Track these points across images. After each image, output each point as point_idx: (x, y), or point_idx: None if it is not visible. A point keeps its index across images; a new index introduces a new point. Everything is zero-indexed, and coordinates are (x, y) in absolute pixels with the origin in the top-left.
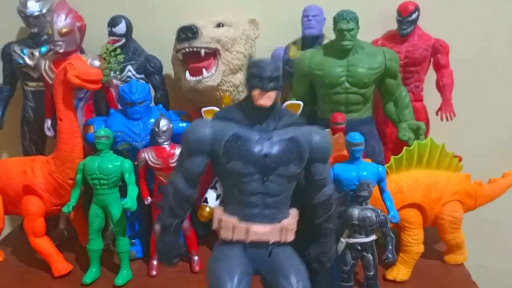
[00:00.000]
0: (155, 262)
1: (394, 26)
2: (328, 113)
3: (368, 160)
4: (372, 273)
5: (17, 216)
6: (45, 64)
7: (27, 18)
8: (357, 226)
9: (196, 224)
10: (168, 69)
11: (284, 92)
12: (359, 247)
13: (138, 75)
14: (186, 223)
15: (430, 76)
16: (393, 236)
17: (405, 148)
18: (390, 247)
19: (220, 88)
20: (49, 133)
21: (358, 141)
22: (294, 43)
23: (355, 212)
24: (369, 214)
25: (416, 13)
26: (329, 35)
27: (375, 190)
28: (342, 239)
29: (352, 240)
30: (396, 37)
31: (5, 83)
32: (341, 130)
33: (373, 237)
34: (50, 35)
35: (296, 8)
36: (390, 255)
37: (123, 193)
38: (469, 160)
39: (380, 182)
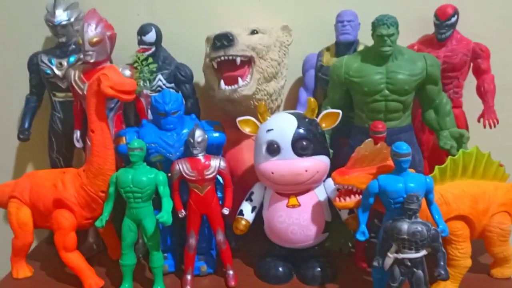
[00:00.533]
0: (189, 277)
1: (429, 30)
2: (366, 121)
3: (412, 170)
4: None
5: (43, 229)
6: (74, 74)
7: (55, 27)
8: (406, 241)
9: (229, 237)
10: (197, 77)
11: (318, 99)
12: (409, 263)
13: (168, 84)
14: (221, 236)
15: (470, 82)
16: (444, 251)
17: (449, 157)
18: (442, 262)
19: (254, 97)
20: (78, 145)
21: (405, 152)
22: (327, 49)
23: (404, 226)
24: (419, 228)
25: (455, 16)
26: (363, 40)
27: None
28: (389, 254)
29: (401, 256)
30: (433, 42)
31: (32, 93)
32: (382, 139)
33: (423, 252)
34: (80, 45)
35: (327, 13)
36: (442, 271)
37: (155, 206)
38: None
39: (428, 194)
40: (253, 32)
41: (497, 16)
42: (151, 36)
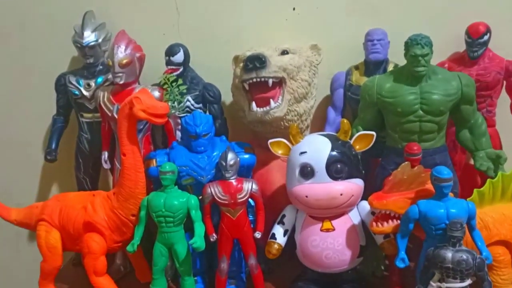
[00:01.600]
0: None
1: (459, 47)
2: (399, 141)
3: (451, 195)
4: None
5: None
6: (103, 96)
7: (83, 48)
8: (450, 270)
9: (260, 260)
10: (224, 97)
11: (346, 118)
12: None
13: (196, 105)
14: (253, 261)
15: (505, 100)
16: (490, 280)
17: (488, 180)
18: None
19: (285, 118)
20: (106, 166)
21: (447, 177)
22: (356, 67)
23: (448, 254)
24: (465, 257)
25: (488, 34)
26: (392, 59)
27: None
28: (432, 283)
29: (445, 285)
30: (464, 60)
31: (59, 114)
32: (417, 162)
33: (469, 282)
34: (109, 66)
35: (355, 30)
36: None
37: (185, 229)
38: None
39: (470, 220)
40: (284, 52)
41: None
42: (179, 57)
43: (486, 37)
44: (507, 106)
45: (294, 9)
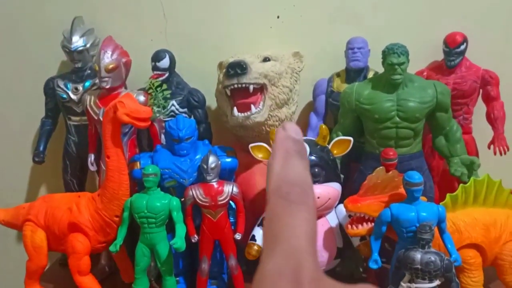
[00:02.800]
0: None
1: (438, 56)
2: (376, 147)
3: (424, 198)
4: None
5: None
6: (90, 100)
7: (72, 53)
8: (419, 271)
9: (240, 261)
10: (209, 102)
11: (328, 124)
12: None
13: (181, 109)
14: (233, 261)
15: (480, 108)
16: (458, 282)
17: (461, 185)
18: None
19: (266, 123)
20: (92, 168)
21: (417, 181)
22: (338, 75)
23: (417, 256)
24: (433, 258)
25: (464, 44)
26: (373, 67)
27: None
28: (402, 284)
29: (414, 286)
30: (442, 68)
31: (48, 117)
32: (393, 166)
33: (437, 283)
34: (96, 71)
35: (337, 39)
36: None
37: (167, 230)
38: None
39: (440, 223)
40: (266, 59)
41: (506, 43)
42: (165, 62)
43: (463, 47)
44: (483, 114)
45: (278, 17)
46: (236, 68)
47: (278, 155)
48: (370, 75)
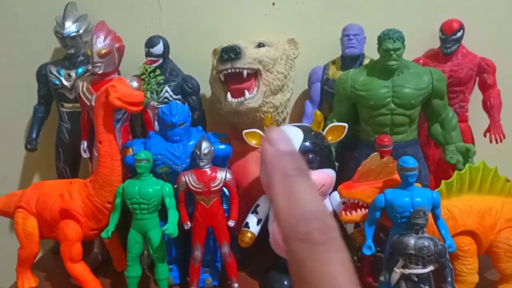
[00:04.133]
0: None
1: (434, 44)
2: (371, 134)
3: (418, 185)
4: None
5: (48, 239)
6: (82, 86)
7: (64, 39)
8: (413, 256)
9: (234, 249)
10: (203, 89)
11: (323, 112)
12: (416, 278)
13: (175, 96)
14: (226, 249)
15: (477, 96)
16: (452, 267)
17: (456, 172)
18: (450, 279)
19: (261, 110)
20: (85, 155)
21: (412, 166)
22: (333, 62)
23: (411, 241)
24: (426, 244)
25: (461, 31)
26: (369, 54)
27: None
28: (396, 269)
29: (408, 271)
30: (439, 56)
31: (40, 104)
32: (388, 153)
33: (430, 268)
34: (89, 56)
35: (333, 27)
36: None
37: (160, 217)
38: None
39: (434, 209)
40: (260, 45)
41: (503, 30)
42: (158, 48)
43: (459, 34)
44: (480, 102)
45: (273, 4)
46: (230, 53)
47: (277, 182)
48: (366, 62)
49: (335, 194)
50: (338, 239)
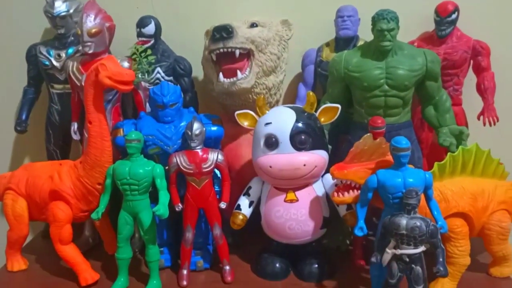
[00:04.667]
0: (185, 272)
1: (429, 27)
2: (365, 116)
3: (411, 166)
4: (421, 287)
5: (39, 222)
6: (72, 66)
7: (54, 18)
8: (405, 236)
9: (226, 232)
10: (196, 71)
11: (317, 94)
12: (407, 259)
13: (167, 77)
14: (217, 231)
15: (471, 79)
16: (443, 248)
17: (449, 154)
18: (441, 259)
19: (253, 91)
20: (75, 137)
21: (405, 146)
22: (327, 44)
23: (403, 221)
24: (418, 224)
25: (456, 13)
26: (363, 36)
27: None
28: (388, 250)
29: (399, 251)
30: (433, 39)
31: (30, 85)
32: (381, 134)
33: (422, 248)
34: (79, 36)
35: (327, 8)
36: (441, 268)
37: (152, 199)
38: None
39: (427, 189)
40: (253, 25)
41: (497, 13)
42: (150, 29)
43: (454, 16)
44: (473, 85)
45: None
46: (222, 32)
47: None
48: (360, 44)
49: (328, 176)
50: None
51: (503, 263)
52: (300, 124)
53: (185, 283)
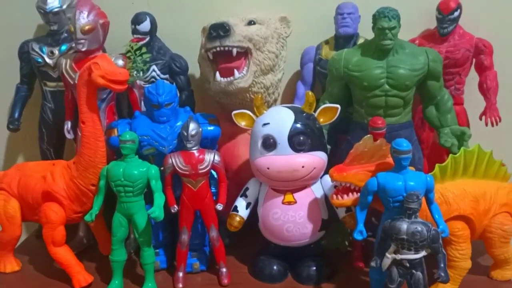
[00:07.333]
0: (181, 274)
1: (431, 24)
2: (365, 116)
3: (412, 168)
4: None
5: (32, 222)
6: (65, 63)
7: (47, 14)
8: (405, 241)
9: (223, 234)
10: (192, 69)
11: (316, 93)
12: (408, 264)
13: (162, 75)
14: (214, 233)
15: (472, 78)
16: (445, 253)
17: (450, 155)
18: (442, 264)
19: (251, 90)
20: (69, 136)
21: (406, 149)
22: (326, 42)
23: (404, 226)
24: (419, 228)
25: (458, 11)
26: (363, 34)
27: None
28: (388, 255)
29: (400, 256)
30: (435, 37)
31: (23, 83)
32: (381, 136)
33: (423, 253)
34: (72, 33)
35: (326, 5)
36: (442, 274)
37: (147, 201)
38: None
39: (428, 193)
40: (250, 22)
41: (500, 11)
42: (145, 26)
43: (456, 13)
44: (475, 84)
45: None
46: (219, 30)
47: None
48: (360, 42)
49: (327, 177)
50: None
51: (505, 266)
52: (298, 125)
53: (180, 285)
